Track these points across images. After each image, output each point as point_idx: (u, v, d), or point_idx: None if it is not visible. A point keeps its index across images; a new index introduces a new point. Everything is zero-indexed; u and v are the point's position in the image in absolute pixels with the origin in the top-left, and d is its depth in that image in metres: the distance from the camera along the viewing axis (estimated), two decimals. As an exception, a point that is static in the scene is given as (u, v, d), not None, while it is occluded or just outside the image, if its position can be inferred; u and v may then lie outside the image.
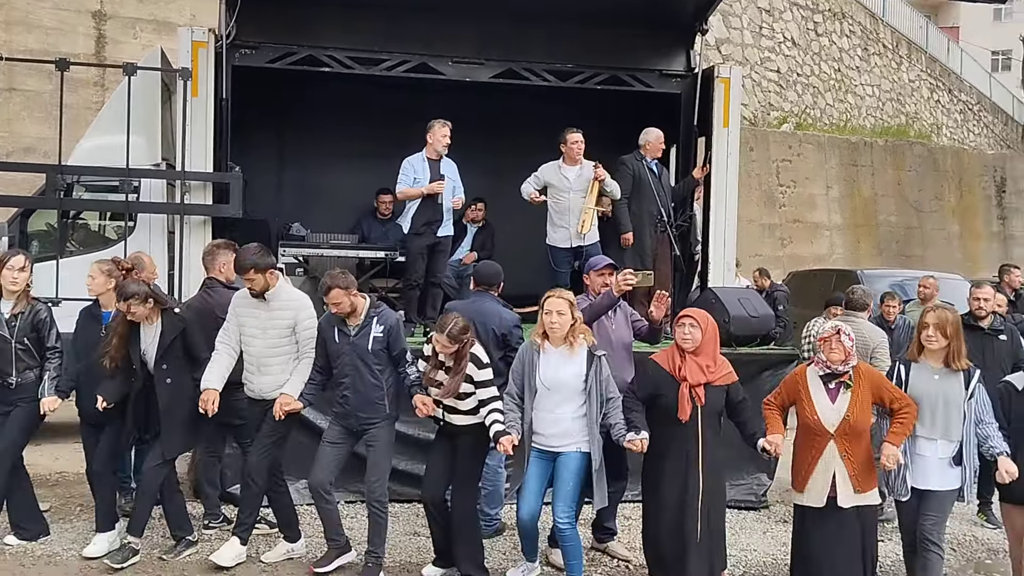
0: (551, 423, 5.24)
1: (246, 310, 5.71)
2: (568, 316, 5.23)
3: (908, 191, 20.86)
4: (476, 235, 10.05)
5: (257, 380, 5.70)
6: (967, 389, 5.07)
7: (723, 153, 8.98)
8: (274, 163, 10.81)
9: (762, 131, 19.24)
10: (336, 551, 5.65)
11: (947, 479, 5.09)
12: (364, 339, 5.53)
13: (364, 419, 5.56)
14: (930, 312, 5.20)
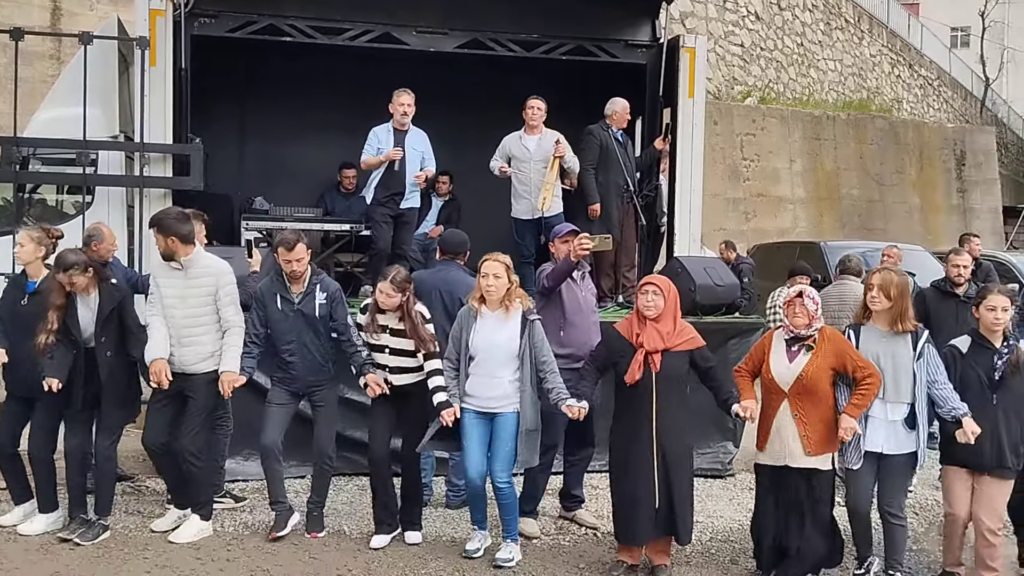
0: (488, 387, 5.28)
1: (165, 279, 5.62)
2: (504, 280, 5.25)
3: (870, 164, 21.06)
4: (442, 209, 10.00)
5: (178, 352, 5.52)
6: (915, 350, 5.09)
7: (688, 124, 8.97)
8: (236, 136, 10.64)
9: (726, 105, 19.29)
10: (286, 514, 5.71)
11: (901, 442, 5.10)
12: (308, 306, 5.60)
13: (311, 382, 5.66)
14: (875, 274, 5.23)
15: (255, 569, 5.14)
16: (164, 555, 5.29)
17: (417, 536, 5.66)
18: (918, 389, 5.06)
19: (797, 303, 5.06)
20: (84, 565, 5.11)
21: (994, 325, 5.09)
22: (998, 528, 5.07)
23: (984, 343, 5.14)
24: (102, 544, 5.43)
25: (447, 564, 5.33)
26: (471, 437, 5.32)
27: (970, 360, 5.13)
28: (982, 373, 5.08)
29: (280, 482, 5.74)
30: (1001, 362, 5.06)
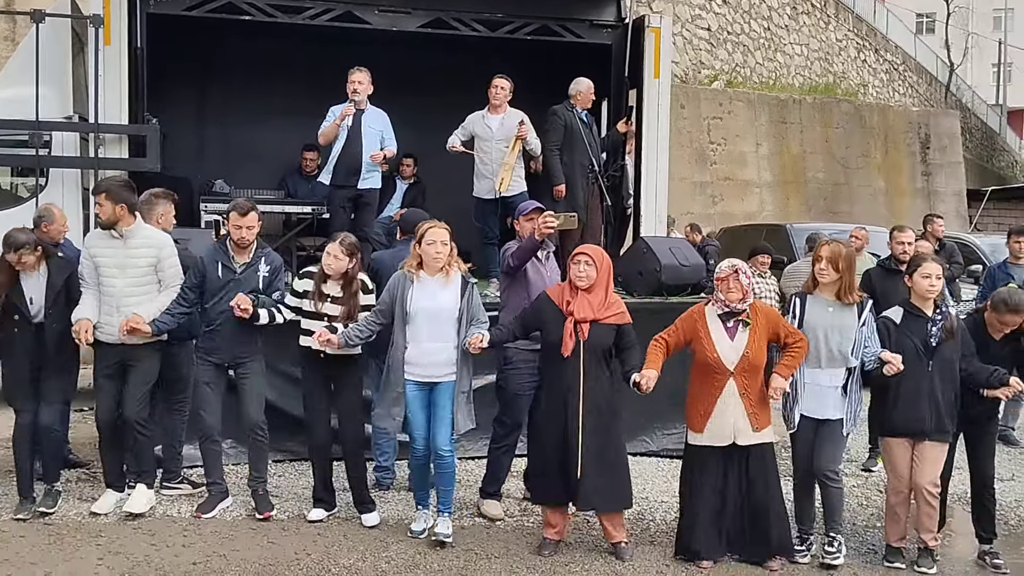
0: (428, 353, 5.22)
1: (102, 249, 5.56)
2: (444, 251, 5.23)
3: (835, 148, 21.16)
4: (407, 191, 9.91)
5: (118, 322, 5.48)
6: (860, 318, 5.17)
7: (654, 104, 8.93)
8: (195, 118, 10.46)
9: (693, 88, 19.28)
10: (219, 496, 5.72)
11: (839, 408, 5.17)
12: (250, 277, 5.60)
13: (237, 353, 5.63)
14: (824, 246, 5.26)
15: (211, 554, 5.04)
16: (118, 541, 5.19)
17: (374, 518, 5.60)
18: (855, 355, 5.15)
19: (731, 279, 5.07)
20: (36, 552, 4.99)
21: (928, 292, 5.19)
22: (936, 488, 5.17)
23: (916, 312, 5.23)
24: (55, 531, 5.31)
25: (408, 547, 5.27)
26: (413, 407, 5.29)
27: (904, 329, 5.22)
28: (917, 341, 5.17)
29: (218, 463, 5.74)
30: (936, 328, 5.16)
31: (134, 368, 5.57)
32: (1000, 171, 32.88)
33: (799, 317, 5.22)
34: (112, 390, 5.61)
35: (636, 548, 5.37)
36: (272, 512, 5.65)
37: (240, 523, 5.56)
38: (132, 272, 5.55)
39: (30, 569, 4.77)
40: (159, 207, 6.08)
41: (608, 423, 5.17)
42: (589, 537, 5.51)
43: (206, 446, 5.71)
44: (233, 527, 5.50)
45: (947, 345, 5.16)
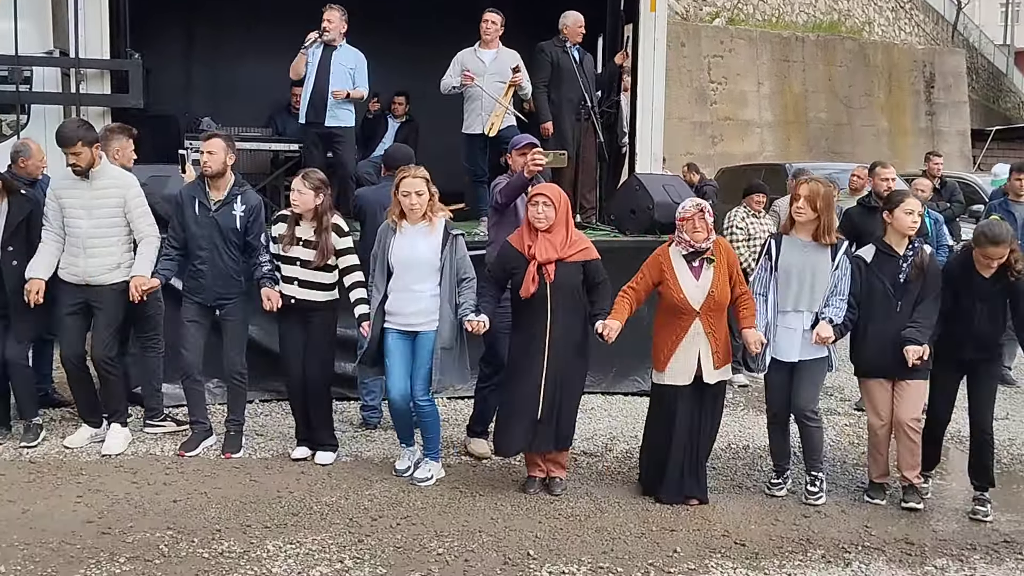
0: (408, 302, 5.12)
1: (68, 191, 5.49)
2: (425, 195, 5.08)
3: (838, 87, 20.83)
4: (399, 130, 9.76)
5: (83, 263, 5.46)
6: (833, 261, 5.08)
7: (650, 39, 8.73)
8: (182, 56, 10.32)
9: (694, 26, 18.94)
10: (202, 434, 5.71)
11: (816, 349, 5.08)
12: (225, 216, 5.51)
13: (220, 294, 5.55)
14: (803, 184, 5.14)
15: (192, 492, 5.00)
16: (99, 479, 5.15)
17: (329, 456, 5.55)
18: (828, 298, 5.08)
19: (696, 218, 4.97)
20: (15, 489, 4.95)
21: (909, 228, 5.10)
22: (917, 424, 5.15)
23: (888, 251, 5.15)
24: (35, 469, 5.27)
25: (392, 485, 5.23)
26: (393, 356, 5.18)
27: (875, 269, 5.14)
28: (887, 281, 5.10)
29: (201, 402, 5.72)
30: (906, 265, 5.08)
31: (100, 309, 5.51)
32: (1006, 112, 32.41)
33: (774, 258, 5.13)
34: (76, 328, 5.58)
35: (624, 486, 5.34)
36: (237, 453, 5.60)
37: (223, 461, 5.52)
38: (98, 214, 5.47)
39: (8, 507, 4.72)
40: (115, 142, 5.97)
41: (571, 364, 5.10)
42: (575, 475, 5.47)
43: (187, 384, 5.68)
44: (215, 465, 5.46)
45: (917, 283, 5.07)
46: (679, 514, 4.99)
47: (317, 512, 4.82)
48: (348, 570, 4.20)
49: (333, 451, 5.60)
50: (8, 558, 4.14)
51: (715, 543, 4.65)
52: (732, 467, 5.76)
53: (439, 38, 8.92)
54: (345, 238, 5.41)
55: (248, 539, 4.45)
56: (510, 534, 4.64)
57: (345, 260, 5.39)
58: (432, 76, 8.44)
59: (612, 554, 4.47)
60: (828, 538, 4.76)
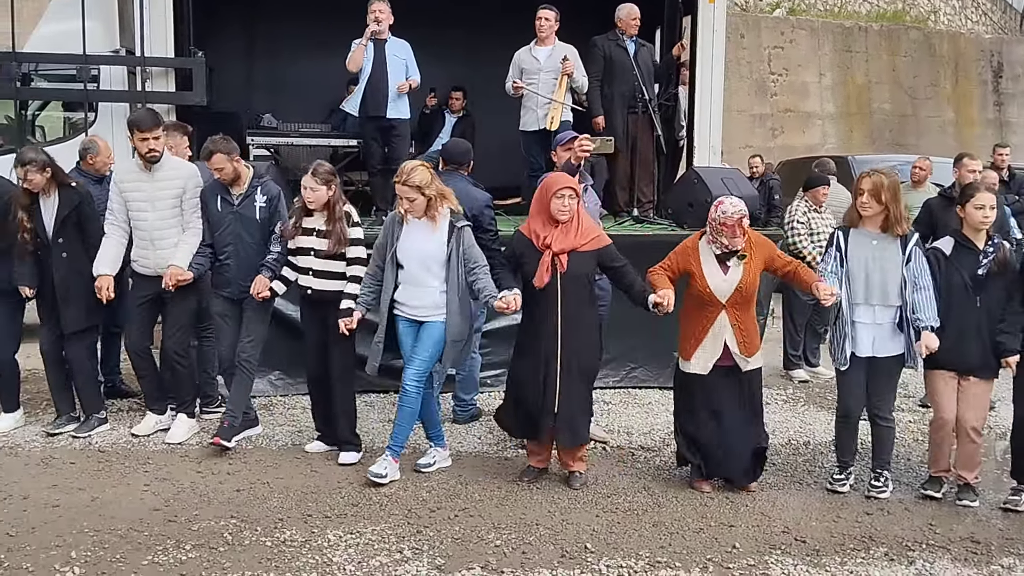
0: (416, 295, 5.12)
1: (131, 184, 5.63)
2: (420, 198, 5.01)
3: (903, 78, 20.36)
4: (456, 125, 9.82)
5: (152, 255, 5.62)
6: (904, 253, 4.97)
7: (708, 31, 8.63)
8: (243, 53, 10.47)
9: (753, 17, 18.67)
10: (246, 424, 5.78)
11: (890, 345, 5.01)
12: (247, 208, 5.59)
13: (245, 287, 5.56)
14: (865, 178, 5.03)
15: (255, 482, 5.09)
16: (165, 468, 5.27)
17: (353, 456, 5.47)
18: (906, 292, 4.97)
19: (737, 227, 4.93)
20: (84, 478, 5.09)
21: (981, 224, 4.99)
22: (982, 427, 5.07)
23: (967, 244, 5.05)
24: (104, 458, 5.41)
25: (449, 477, 5.26)
26: (405, 342, 5.18)
27: (954, 262, 5.04)
28: (966, 275, 5.00)
29: (242, 394, 5.65)
30: (987, 260, 4.98)
31: (171, 299, 5.64)
32: (1078, 101, 31.45)
33: (843, 252, 5.04)
34: (145, 319, 5.74)
35: (682, 480, 5.31)
36: (228, 444, 5.50)
37: (285, 452, 5.61)
38: (161, 206, 5.60)
39: (78, 494, 4.86)
40: (170, 139, 6.07)
41: (583, 356, 5.11)
42: (633, 469, 5.44)
43: (226, 379, 5.78)
44: (278, 456, 5.55)
45: (997, 279, 4.96)
46: (738, 509, 4.95)
47: (376, 503, 4.87)
48: (407, 560, 4.24)
49: (357, 451, 5.52)
50: (79, 544, 4.25)
51: (775, 539, 4.60)
52: (792, 463, 5.69)
53: (496, 32, 8.96)
54: (356, 228, 5.41)
55: (309, 528, 4.52)
56: (567, 527, 4.64)
57: (353, 251, 5.36)
58: (489, 71, 8.47)
59: (670, 549, 4.45)
60: (891, 535, 4.68)
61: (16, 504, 4.70)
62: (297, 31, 10.09)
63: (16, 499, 4.76)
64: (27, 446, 5.60)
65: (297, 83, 10.25)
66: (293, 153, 8.81)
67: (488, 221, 5.89)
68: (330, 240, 5.32)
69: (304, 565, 4.14)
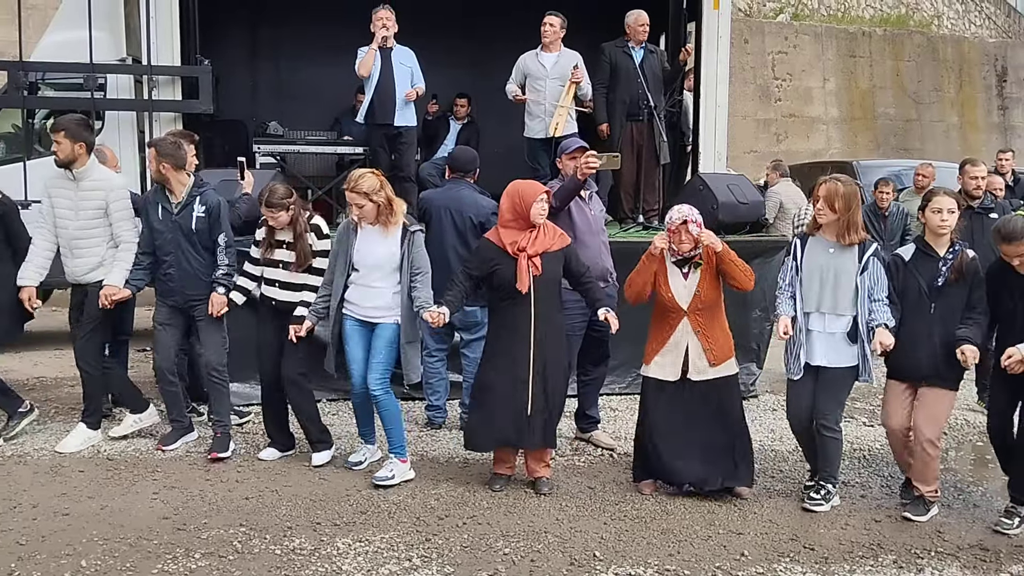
0: (369, 297, 5.19)
1: (58, 189, 5.67)
2: (370, 205, 5.09)
3: (907, 82, 20.38)
4: (460, 132, 9.81)
5: (71, 263, 5.69)
6: (860, 262, 4.93)
7: (713, 37, 8.67)
8: (248, 61, 10.50)
9: (757, 22, 18.71)
10: (180, 431, 5.83)
11: (841, 356, 4.95)
12: (186, 218, 5.57)
13: (190, 296, 5.62)
14: (821, 184, 4.98)
15: (263, 490, 5.10)
16: (174, 476, 5.28)
17: (324, 456, 5.55)
18: (860, 302, 4.91)
19: (682, 231, 4.99)
20: (93, 486, 5.10)
21: (939, 228, 4.92)
22: (936, 439, 4.93)
23: (929, 251, 4.98)
24: (112, 466, 5.43)
25: (458, 485, 5.27)
26: (351, 343, 5.25)
27: (912, 269, 4.99)
28: (923, 282, 4.94)
29: (175, 401, 5.79)
30: (945, 268, 4.91)
31: (86, 307, 5.71)
32: (1083, 105, 31.43)
33: (799, 259, 5.03)
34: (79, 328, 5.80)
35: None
36: (225, 455, 5.57)
37: (293, 460, 5.61)
38: (83, 215, 5.63)
39: (87, 503, 4.87)
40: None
41: (556, 361, 5.16)
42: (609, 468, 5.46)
43: (163, 387, 5.78)
44: (286, 464, 5.56)
45: (955, 287, 4.89)
46: (746, 517, 4.95)
47: (384, 511, 4.87)
48: (416, 568, 4.24)
49: (328, 448, 5.59)
50: (89, 552, 4.26)
51: (783, 547, 4.60)
52: (800, 470, 5.69)
53: (499, 39, 8.99)
54: (324, 241, 5.46)
55: (318, 536, 4.52)
56: (575, 535, 4.65)
57: (318, 263, 5.42)
58: (492, 77, 8.50)
59: (678, 556, 4.45)
60: (900, 543, 4.67)
61: (26, 513, 4.71)
62: (302, 38, 10.12)
63: (26, 508, 4.77)
64: (36, 455, 5.61)
65: (302, 90, 10.27)
66: (300, 161, 8.83)
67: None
68: (294, 253, 5.39)
69: (314, 573, 4.15)
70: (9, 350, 7.76)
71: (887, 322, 4.83)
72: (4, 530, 4.49)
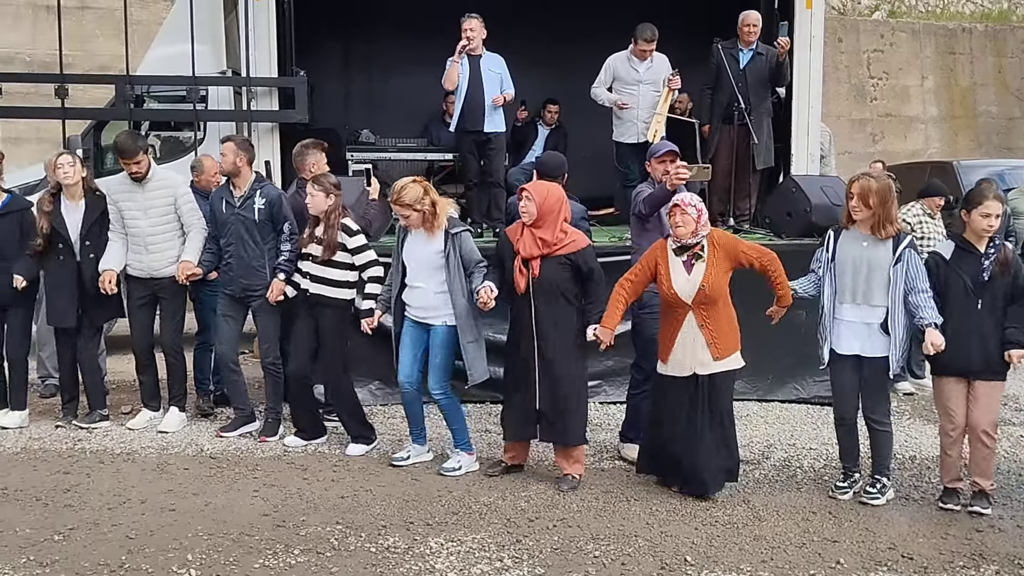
0: (417, 297, 5.42)
1: (123, 195, 6.14)
2: (415, 215, 5.31)
3: (1010, 79, 19.63)
4: (549, 137, 9.85)
5: (145, 259, 6.12)
6: (894, 254, 4.95)
7: (806, 37, 8.51)
8: (341, 70, 10.73)
9: (851, 20, 18.28)
10: (243, 419, 6.18)
11: (877, 346, 5.03)
12: (248, 209, 5.97)
13: (246, 286, 6.00)
14: (855, 182, 5.08)
15: (358, 489, 5.22)
16: (273, 474, 5.45)
17: (361, 448, 5.82)
18: (895, 294, 4.92)
19: (677, 212, 5.00)
20: (197, 483, 5.30)
21: (984, 232, 4.94)
22: (993, 431, 4.98)
23: (969, 248, 4.98)
24: (215, 464, 5.62)
25: (547, 487, 5.31)
26: (404, 342, 5.49)
27: (954, 266, 4.99)
28: (967, 278, 4.95)
29: (237, 390, 6.19)
30: (989, 262, 4.91)
31: (165, 299, 6.20)
32: None
33: (832, 250, 5.11)
34: (144, 319, 6.26)
35: (783, 494, 5.26)
36: (272, 438, 5.97)
37: (386, 460, 5.72)
38: (153, 213, 6.08)
39: (191, 499, 5.06)
40: (310, 157, 6.35)
41: (561, 359, 5.19)
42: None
43: (224, 374, 6.22)
44: (380, 464, 5.68)
45: (1000, 281, 4.89)
46: (842, 524, 4.86)
47: (476, 512, 4.94)
48: (507, 569, 4.29)
49: (366, 443, 5.86)
50: (194, 547, 4.43)
51: (881, 555, 4.50)
52: (898, 478, 5.56)
53: (591, 46, 8.99)
54: (356, 236, 5.72)
55: (412, 535, 4.61)
56: (666, 539, 4.63)
57: (361, 257, 5.72)
58: (578, 82, 8.50)
59: (771, 563, 4.40)
60: (1003, 553, 4.53)
61: (135, 508, 4.92)
62: (393, 48, 10.29)
63: (135, 503, 4.99)
64: (143, 452, 5.86)
65: (393, 99, 10.45)
66: (391, 168, 8.99)
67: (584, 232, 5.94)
68: (324, 247, 5.66)
69: (408, 571, 4.24)
70: (117, 353, 8.11)
71: (936, 320, 4.89)
72: (115, 524, 4.70)
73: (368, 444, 5.86)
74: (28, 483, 5.25)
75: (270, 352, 6.04)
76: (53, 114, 7.79)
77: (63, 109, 7.76)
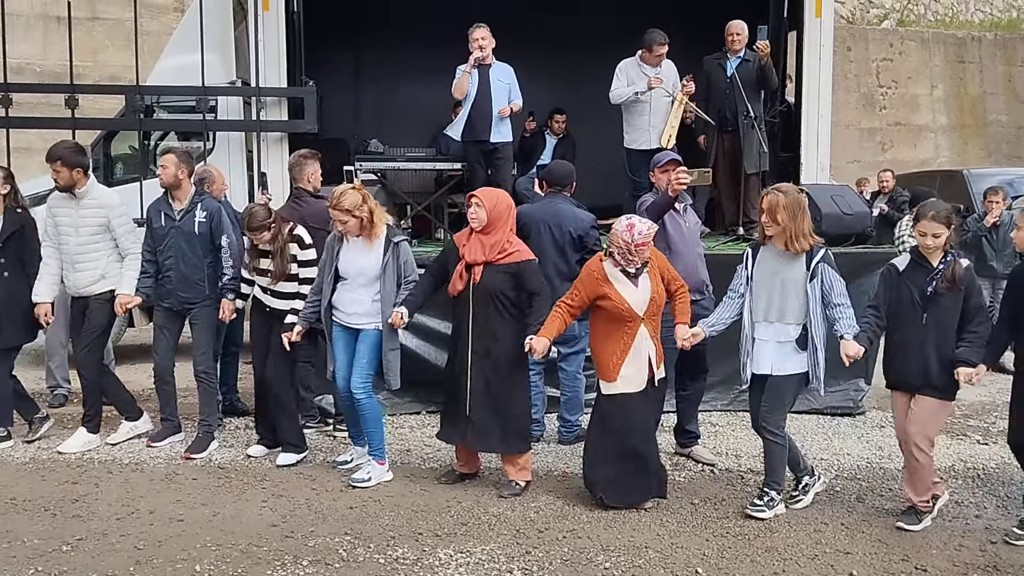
0: (351, 303, 5.40)
1: (60, 208, 6.00)
2: (353, 220, 5.27)
3: (1020, 88, 19.61)
4: (557, 146, 9.87)
5: (72, 277, 5.99)
6: (808, 270, 4.89)
7: (815, 46, 8.50)
8: (350, 80, 10.78)
9: (860, 29, 18.28)
10: (170, 429, 6.16)
11: (787, 364, 4.96)
12: (187, 223, 5.95)
13: (185, 299, 6.01)
14: (764, 197, 5.00)
15: (366, 499, 5.20)
16: (281, 485, 5.43)
17: (291, 457, 5.77)
18: (815, 308, 4.88)
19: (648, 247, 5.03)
20: (205, 494, 5.28)
21: (925, 249, 4.86)
22: (925, 448, 4.86)
23: (922, 262, 4.91)
24: (223, 475, 5.61)
25: (557, 498, 5.28)
26: (336, 347, 5.48)
27: (906, 278, 4.92)
28: (915, 291, 4.86)
29: (168, 401, 6.12)
30: (936, 277, 4.81)
31: (88, 317, 6.01)
32: None
33: (749, 269, 5.05)
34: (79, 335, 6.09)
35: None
36: (201, 455, 5.88)
37: (394, 470, 5.68)
38: (84, 231, 5.96)
39: (200, 509, 5.05)
40: (308, 167, 6.32)
41: (497, 366, 5.18)
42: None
43: (158, 386, 6.11)
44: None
45: (947, 296, 4.79)
46: (854, 536, 4.82)
47: (485, 522, 4.91)
48: (517, 581, 4.26)
49: (297, 452, 5.80)
50: (203, 558, 4.42)
51: (894, 567, 4.46)
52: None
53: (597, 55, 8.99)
54: (307, 250, 5.73)
55: (420, 546, 4.59)
56: (677, 551, 4.60)
57: (304, 271, 5.72)
58: (585, 91, 8.53)
59: (784, 575, 4.36)
60: (1018, 565, 4.49)
61: (143, 518, 4.91)
62: (401, 59, 10.33)
63: (143, 514, 4.97)
64: (152, 463, 5.84)
65: (402, 109, 10.48)
66: (399, 177, 8.99)
67: (594, 241, 5.95)
68: (275, 263, 5.70)
69: (416, 583, 4.22)
70: (127, 362, 8.12)
71: (846, 332, 4.82)
72: (123, 535, 4.68)
73: (299, 453, 5.82)
74: (36, 493, 5.25)
75: (203, 361, 6.06)
76: (63, 124, 7.80)
77: (73, 119, 7.78)
